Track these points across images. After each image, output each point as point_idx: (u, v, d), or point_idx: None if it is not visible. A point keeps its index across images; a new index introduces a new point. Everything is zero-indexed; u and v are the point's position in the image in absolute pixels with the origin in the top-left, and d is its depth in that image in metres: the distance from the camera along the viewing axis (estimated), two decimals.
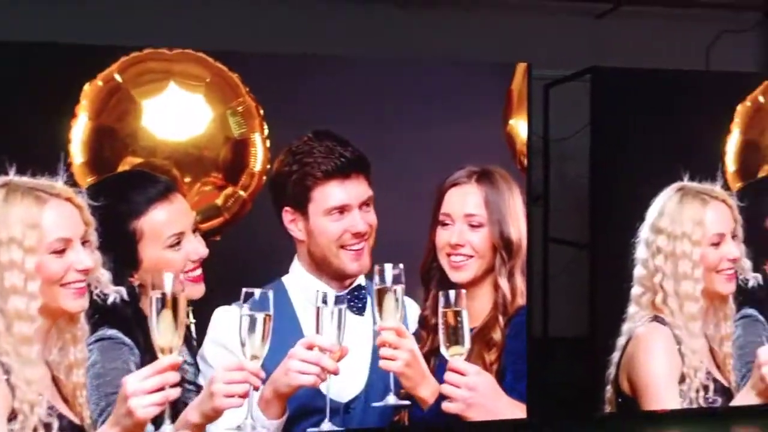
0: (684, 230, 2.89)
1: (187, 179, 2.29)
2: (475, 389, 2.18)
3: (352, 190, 2.30)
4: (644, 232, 2.94)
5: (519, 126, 2.82)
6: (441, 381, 2.20)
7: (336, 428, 2.17)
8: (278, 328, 1.90)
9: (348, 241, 2.28)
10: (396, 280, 2.11)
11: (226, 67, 2.35)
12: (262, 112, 2.39)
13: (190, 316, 2.16)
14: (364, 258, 2.33)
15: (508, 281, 2.42)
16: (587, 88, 3.17)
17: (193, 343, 2.22)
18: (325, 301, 1.97)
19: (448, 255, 2.41)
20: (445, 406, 2.21)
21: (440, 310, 2.13)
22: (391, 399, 2.21)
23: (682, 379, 2.90)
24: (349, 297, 2.27)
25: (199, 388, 2.12)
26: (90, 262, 1.88)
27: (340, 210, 2.28)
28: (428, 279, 2.45)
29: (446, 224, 2.42)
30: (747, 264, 3.01)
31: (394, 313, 2.12)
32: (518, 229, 2.47)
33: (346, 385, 2.28)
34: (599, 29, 4.56)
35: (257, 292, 1.84)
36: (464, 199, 2.42)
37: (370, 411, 2.32)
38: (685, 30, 4.85)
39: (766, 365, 2.92)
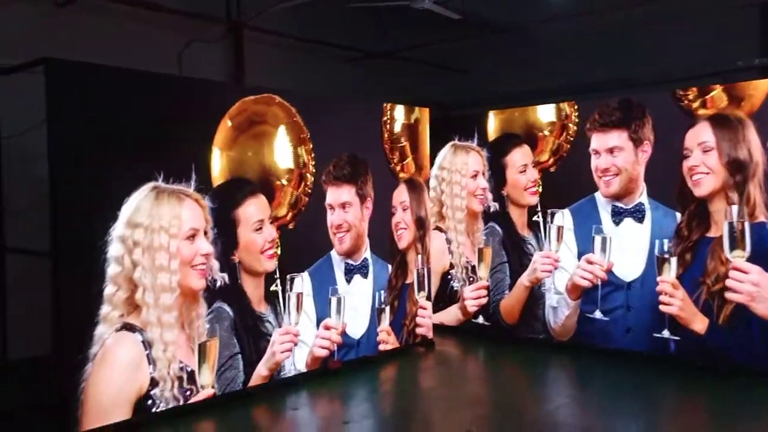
0: (162, 224, 2.85)
1: None
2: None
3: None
4: (119, 229, 2.78)
5: None
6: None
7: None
8: None
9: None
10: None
11: None
12: None
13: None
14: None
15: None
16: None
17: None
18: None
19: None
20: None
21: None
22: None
23: (155, 385, 2.82)
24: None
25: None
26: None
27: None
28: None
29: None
30: (216, 264, 3.10)
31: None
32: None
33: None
34: (60, 19, 4.22)
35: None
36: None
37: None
38: (156, 33, 4.87)
39: None
